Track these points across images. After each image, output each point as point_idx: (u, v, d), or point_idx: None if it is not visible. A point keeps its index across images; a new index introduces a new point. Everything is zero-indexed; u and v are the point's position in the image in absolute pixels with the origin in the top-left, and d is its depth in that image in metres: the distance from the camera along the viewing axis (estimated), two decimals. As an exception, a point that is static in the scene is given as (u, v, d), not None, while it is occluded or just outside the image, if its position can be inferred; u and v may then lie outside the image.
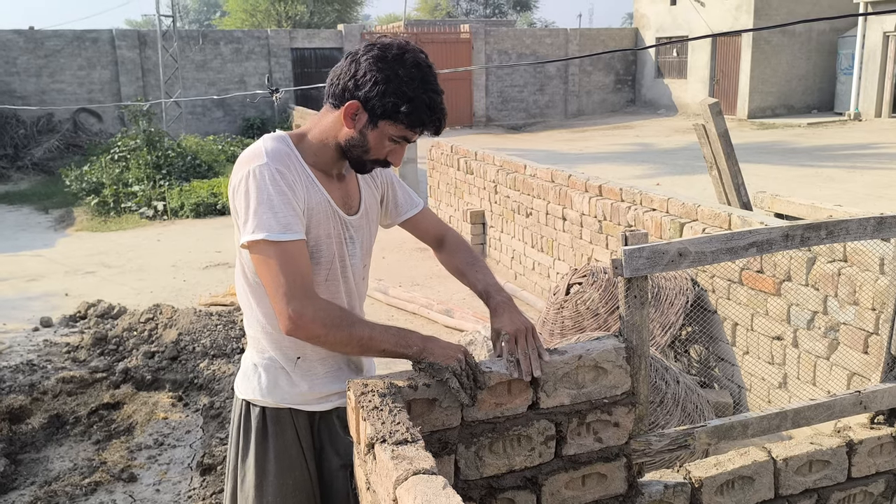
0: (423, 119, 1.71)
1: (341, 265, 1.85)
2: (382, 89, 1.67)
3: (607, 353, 1.95)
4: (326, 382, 1.88)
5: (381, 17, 45.83)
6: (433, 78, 1.73)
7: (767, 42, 19.57)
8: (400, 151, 1.80)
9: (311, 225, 1.74)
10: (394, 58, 1.69)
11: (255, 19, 29.53)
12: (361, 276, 1.96)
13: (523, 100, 22.70)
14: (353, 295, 1.92)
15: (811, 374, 3.61)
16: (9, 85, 17.84)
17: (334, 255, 1.82)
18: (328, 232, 1.79)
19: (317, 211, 1.75)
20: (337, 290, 1.85)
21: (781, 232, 2.11)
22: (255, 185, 1.64)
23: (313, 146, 1.80)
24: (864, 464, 2.36)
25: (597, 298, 4.32)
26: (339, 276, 1.85)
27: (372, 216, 1.98)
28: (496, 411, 1.87)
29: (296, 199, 1.68)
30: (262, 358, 1.87)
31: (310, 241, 1.74)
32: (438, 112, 1.73)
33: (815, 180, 10.77)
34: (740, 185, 5.03)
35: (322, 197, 1.77)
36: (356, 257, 1.90)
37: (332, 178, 1.84)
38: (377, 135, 1.73)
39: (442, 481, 1.38)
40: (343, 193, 1.87)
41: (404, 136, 1.74)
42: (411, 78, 1.68)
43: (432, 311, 5.89)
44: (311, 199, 1.74)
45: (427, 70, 1.72)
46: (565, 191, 5.75)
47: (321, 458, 1.93)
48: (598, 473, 2.01)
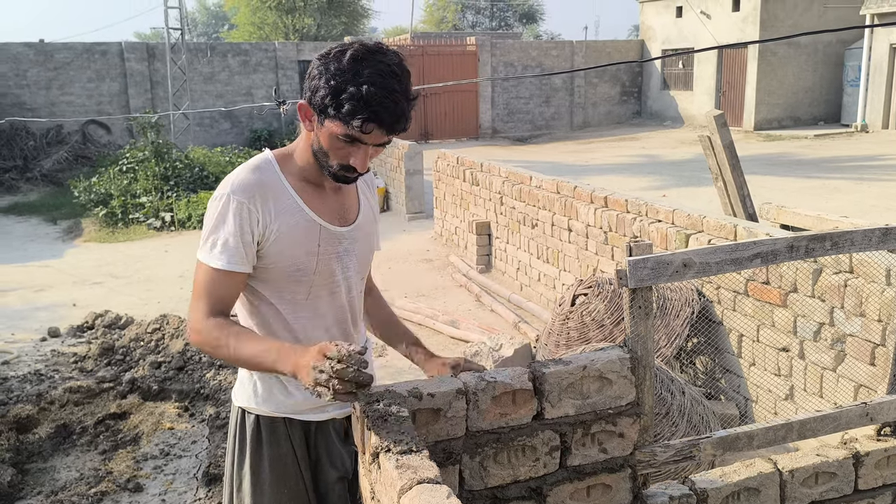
0: (355, 111, 1.61)
1: (329, 282, 1.83)
2: (316, 84, 1.65)
3: (612, 363, 1.95)
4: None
5: (387, 29, 46.11)
6: (377, 72, 1.62)
7: (774, 54, 19.58)
8: (357, 154, 1.70)
9: (286, 246, 1.75)
10: (334, 55, 1.66)
11: (262, 32, 29.73)
12: (359, 289, 1.94)
13: (529, 112, 22.75)
14: (345, 310, 1.90)
15: (818, 386, 3.60)
16: (19, 97, 17.99)
17: (317, 273, 1.80)
18: (310, 250, 1.78)
19: (293, 233, 1.75)
20: (321, 308, 1.84)
21: (786, 243, 2.12)
22: (217, 212, 1.72)
23: (301, 160, 1.80)
24: (870, 476, 2.34)
25: (602, 309, 4.32)
26: (326, 293, 1.84)
27: (371, 227, 1.96)
28: (501, 421, 1.87)
29: (255, 230, 1.71)
30: None
31: (286, 263, 1.76)
32: (376, 105, 1.61)
33: (822, 192, 10.75)
34: (746, 196, 5.03)
35: (301, 217, 1.76)
36: (350, 270, 1.88)
37: (326, 190, 1.83)
38: (326, 135, 1.69)
39: (446, 491, 1.38)
40: (338, 205, 1.85)
41: (349, 135, 1.66)
42: (343, 71, 1.62)
43: (437, 322, 5.89)
44: (285, 223, 1.74)
45: (367, 64, 1.63)
46: (571, 202, 5.76)
47: (317, 470, 1.92)
48: (603, 484, 2.00)
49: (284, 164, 1.80)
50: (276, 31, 29.21)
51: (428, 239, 9.17)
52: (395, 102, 1.63)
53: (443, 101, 20.99)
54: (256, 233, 1.72)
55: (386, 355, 5.46)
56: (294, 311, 1.82)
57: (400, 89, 1.64)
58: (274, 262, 1.77)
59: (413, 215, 10.37)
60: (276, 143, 18.03)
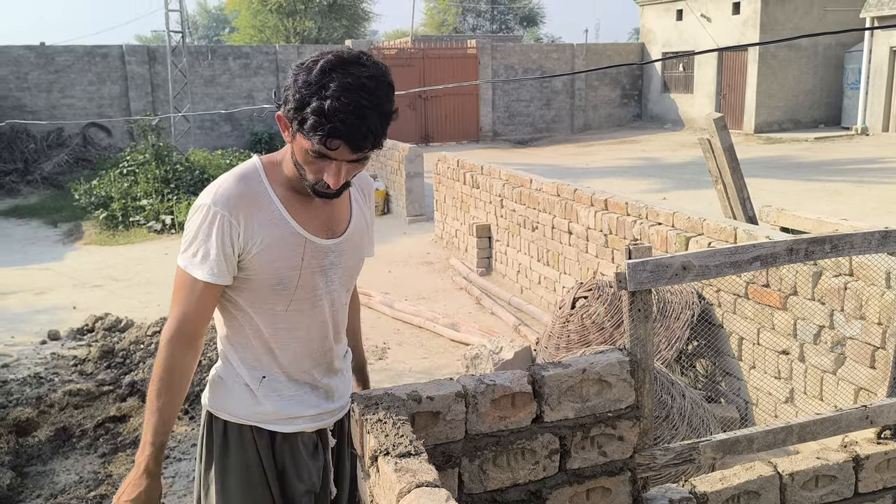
0: (316, 127, 1.54)
1: (311, 295, 1.78)
2: (287, 96, 1.60)
3: (611, 366, 1.95)
4: (292, 405, 1.82)
5: (388, 32, 46.13)
6: (343, 86, 1.53)
7: (774, 57, 19.59)
8: (329, 170, 1.63)
9: (269, 260, 1.70)
10: (307, 65, 1.58)
11: (263, 35, 29.76)
12: (343, 302, 1.88)
13: (530, 114, 22.76)
14: (326, 324, 1.85)
15: (818, 389, 3.59)
16: (20, 100, 18.01)
17: (299, 287, 1.75)
18: (293, 264, 1.73)
19: (278, 246, 1.70)
20: (301, 321, 1.80)
21: (786, 246, 2.12)
22: (199, 222, 1.68)
23: (287, 170, 1.73)
24: (871, 479, 2.34)
25: (602, 312, 4.31)
26: (307, 306, 1.79)
27: (361, 239, 1.89)
28: (500, 424, 1.87)
29: (236, 244, 1.67)
30: (228, 373, 1.84)
31: (267, 276, 1.72)
32: (338, 121, 1.53)
33: (822, 195, 10.75)
34: (746, 199, 5.03)
35: (286, 230, 1.71)
36: (335, 283, 1.83)
37: (314, 200, 1.74)
38: (299, 149, 1.63)
39: (445, 494, 1.38)
40: (327, 216, 1.79)
41: (317, 152, 1.58)
42: (310, 83, 1.55)
43: (438, 325, 5.89)
44: (269, 236, 1.69)
45: (335, 76, 1.54)
46: (571, 205, 5.76)
47: (283, 482, 1.86)
48: (603, 487, 2.00)
49: (272, 172, 1.74)
50: (276, 35, 29.25)
51: (428, 242, 9.17)
52: (361, 118, 1.54)
53: (443, 103, 21.01)
54: (238, 246, 1.68)
55: (386, 358, 5.46)
56: (272, 323, 1.78)
57: (369, 104, 1.55)
58: (255, 274, 1.72)
59: (413, 218, 10.38)
60: (277, 145, 18.04)
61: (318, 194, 1.69)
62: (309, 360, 1.83)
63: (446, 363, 5.27)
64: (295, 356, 1.82)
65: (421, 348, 5.62)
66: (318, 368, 1.85)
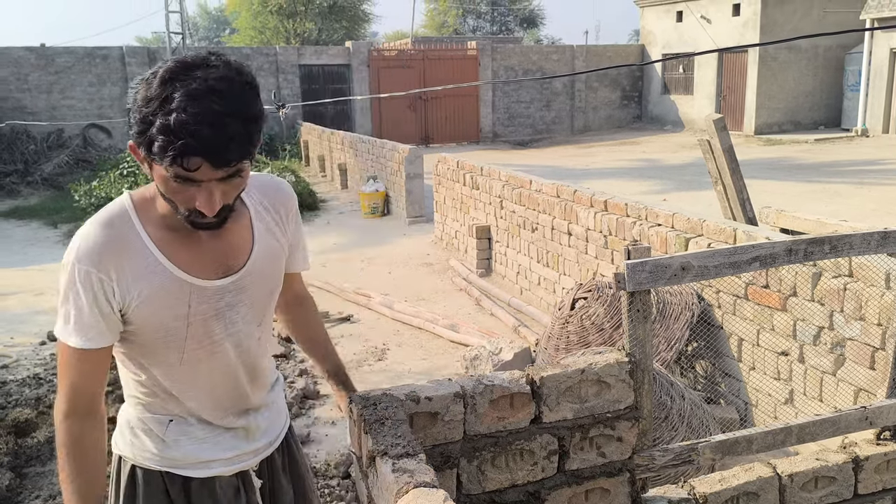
0: (165, 148, 1.31)
1: (207, 342, 1.58)
2: (131, 120, 1.39)
3: (610, 367, 1.95)
4: (205, 448, 1.66)
5: (388, 34, 46.16)
6: (189, 93, 1.32)
7: (774, 58, 19.60)
8: (200, 195, 1.39)
9: (150, 313, 1.50)
10: (147, 79, 1.37)
11: (263, 36, 29.79)
12: (255, 337, 1.68)
13: (530, 116, 22.77)
14: (233, 369, 1.65)
15: (817, 390, 3.59)
16: (20, 101, 18.02)
17: (189, 338, 1.55)
18: (178, 313, 1.52)
19: (158, 296, 1.49)
20: (200, 371, 1.61)
21: (785, 246, 2.12)
22: (65, 284, 1.48)
23: (161, 206, 1.50)
24: (870, 480, 2.34)
25: (602, 313, 4.31)
26: (204, 355, 1.59)
27: (272, 265, 1.66)
28: (498, 425, 1.87)
29: (112, 301, 1.47)
30: (134, 417, 1.69)
31: (151, 329, 1.52)
32: (187, 135, 1.30)
33: (822, 196, 10.75)
34: (745, 200, 5.03)
35: (165, 278, 1.50)
36: (238, 324, 1.61)
37: (203, 236, 1.53)
38: (159, 179, 1.40)
39: (443, 495, 1.38)
40: (219, 252, 1.56)
41: (178, 176, 1.36)
42: (150, 99, 1.33)
43: (437, 326, 5.89)
44: (146, 287, 1.48)
45: (178, 85, 1.32)
46: (571, 206, 5.76)
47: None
48: (602, 488, 2.00)
49: (144, 210, 1.51)
50: (277, 36, 29.27)
51: (428, 243, 9.17)
52: (216, 127, 1.31)
53: (443, 105, 21.02)
54: (115, 302, 1.48)
55: (385, 359, 5.45)
56: (168, 375, 1.60)
57: (224, 108, 1.32)
58: (139, 328, 1.53)
59: (413, 219, 10.37)
60: (277, 146, 18.04)
61: (196, 226, 1.47)
62: (218, 409, 1.67)
63: (446, 364, 5.27)
64: (201, 404, 1.65)
65: (420, 349, 5.62)
66: (230, 412, 1.68)
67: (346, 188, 13.53)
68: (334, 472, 3.73)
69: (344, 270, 7.97)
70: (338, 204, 12.52)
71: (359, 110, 20.50)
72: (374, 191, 11.15)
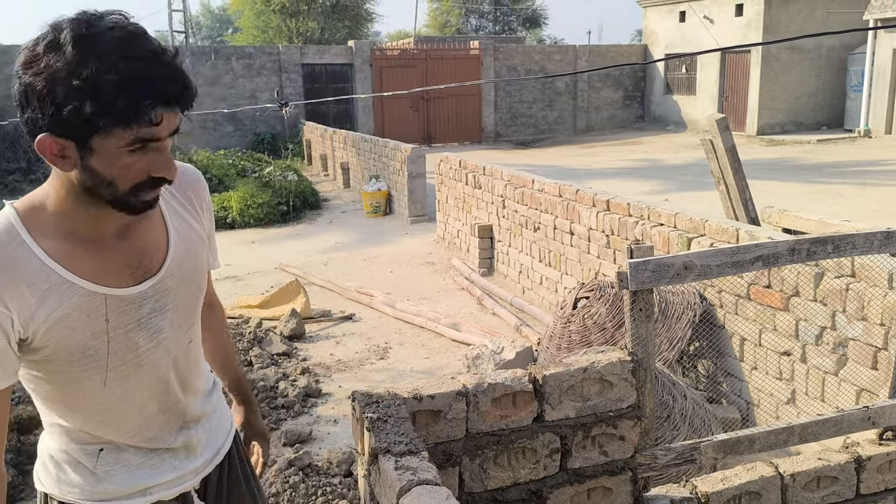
0: (137, 101, 1.17)
1: (132, 357, 1.40)
2: (54, 101, 1.16)
3: (612, 365, 1.95)
4: (142, 475, 1.49)
5: (391, 33, 46.17)
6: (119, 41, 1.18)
7: (777, 59, 19.58)
8: (159, 158, 1.27)
9: (62, 336, 1.31)
10: (45, 49, 1.17)
11: (266, 35, 29.79)
12: (186, 341, 1.51)
13: (532, 115, 22.77)
14: (165, 380, 1.48)
15: (819, 390, 3.59)
16: (23, 99, 18.06)
17: (112, 354, 1.37)
18: (96, 330, 1.34)
19: (69, 318, 1.31)
20: (128, 391, 1.43)
21: (787, 246, 2.12)
22: None
23: (62, 213, 1.30)
24: (872, 480, 2.34)
25: (604, 313, 4.31)
26: (131, 371, 1.41)
27: (190, 263, 1.48)
28: (501, 423, 1.87)
29: (10, 333, 1.26)
30: (57, 450, 1.48)
31: (65, 354, 1.33)
32: (154, 79, 1.18)
33: (825, 197, 10.74)
34: (748, 200, 5.02)
35: (74, 294, 1.31)
36: (165, 331, 1.44)
37: (106, 239, 1.35)
38: (104, 159, 1.22)
39: (445, 492, 1.38)
40: (132, 253, 1.38)
41: (139, 139, 1.21)
42: (80, 62, 1.15)
43: (439, 325, 5.89)
44: (54, 309, 1.29)
45: (100, 39, 1.17)
46: (573, 205, 5.76)
47: None
48: (604, 487, 2.00)
49: (35, 223, 1.29)
50: (279, 35, 29.28)
51: (430, 242, 9.17)
52: (167, 65, 1.21)
53: (446, 104, 21.02)
54: (13, 334, 1.27)
55: (387, 358, 5.46)
56: (94, 398, 1.40)
57: (159, 47, 1.22)
58: (52, 353, 1.33)
59: (415, 218, 10.38)
60: (279, 145, 18.04)
61: (140, 209, 1.31)
62: (151, 427, 1.49)
63: (448, 363, 5.27)
64: (132, 428, 1.47)
65: (422, 348, 5.62)
66: (166, 429, 1.51)
67: (349, 187, 13.54)
68: (336, 470, 3.74)
69: (346, 269, 7.98)
70: (340, 203, 12.53)
71: (361, 109, 20.50)
72: (376, 190, 11.16)
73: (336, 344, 5.77)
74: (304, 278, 7.37)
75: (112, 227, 1.35)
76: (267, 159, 15.19)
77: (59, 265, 1.29)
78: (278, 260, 8.48)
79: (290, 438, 4.12)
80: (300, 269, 7.93)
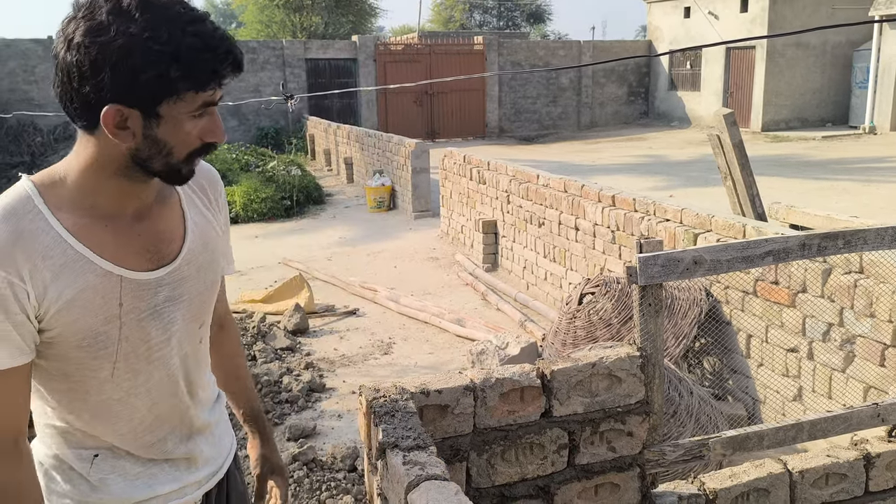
0: (211, 66, 1.19)
1: (143, 347, 1.34)
2: (132, 66, 1.14)
3: (621, 361, 1.94)
4: (141, 486, 1.40)
5: (395, 28, 46.10)
6: (177, 8, 1.18)
7: (782, 55, 19.51)
8: (213, 122, 1.26)
9: (74, 316, 1.25)
10: (111, 16, 1.14)
11: (270, 30, 29.75)
12: (197, 340, 1.45)
13: (536, 111, 22.73)
14: (175, 378, 1.41)
15: (826, 387, 3.57)
16: (27, 93, 18.06)
17: (123, 342, 1.31)
18: (108, 315, 1.27)
19: (83, 297, 1.24)
20: (136, 386, 1.36)
21: (798, 241, 2.10)
22: None
23: (85, 187, 1.26)
24: (881, 477, 2.32)
25: (609, 308, 4.30)
26: (142, 364, 1.35)
27: (206, 255, 1.42)
28: (509, 419, 1.86)
29: (27, 307, 1.20)
30: (49, 456, 1.39)
31: (75, 338, 1.27)
32: (219, 45, 1.19)
33: (830, 193, 10.70)
34: (755, 195, 5.00)
35: (91, 273, 1.25)
36: (178, 323, 1.37)
37: (126, 218, 1.30)
38: (170, 127, 1.21)
39: (454, 487, 1.37)
40: (150, 236, 1.33)
41: (205, 102, 1.22)
42: (155, 26, 1.14)
43: (443, 321, 5.88)
44: (68, 286, 1.23)
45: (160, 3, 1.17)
46: (578, 201, 5.74)
47: None
48: (612, 483, 1.99)
49: (53, 195, 1.25)
50: (283, 30, 29.23)
51: (434, 237, 9.15)
52: (221, 31, 1.22)
53: (450, 100, 20.98)
54: (31, 308, 1.21)
55: (391, 353, 5.45)
56: (96, 393, 1.33)
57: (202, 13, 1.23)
58: (59, 336, 1.26)
59: (419, 213, 10.36)
60: (283, 140, 18.02)
61: (184, 178, 1.30)
62: (156, 431, 1.41)
63: (452, 358, 5.26)
64: (136, 430, 1.39)
65: (426, 343, 5.61)
66: (171, 436, 1.44)
67: (352, 182, 13.52)
68: (340, 465, 3.73)
69: (350, 264, 7.97)
70: (343, 198, 12.51)
71: (365, 105, 20.47)
72: (379, 185, 11.14)
73: (340, 339, 5.76)
74: (307, 273, 7.36)
75: (133, 205, 1.31)
76: (270, 154, 15.17)
77: (78, 241, 1.24)
78: (282, 255, 8.48)
79: (293, 433, 4.11)
80: (304, 263, 7.92)
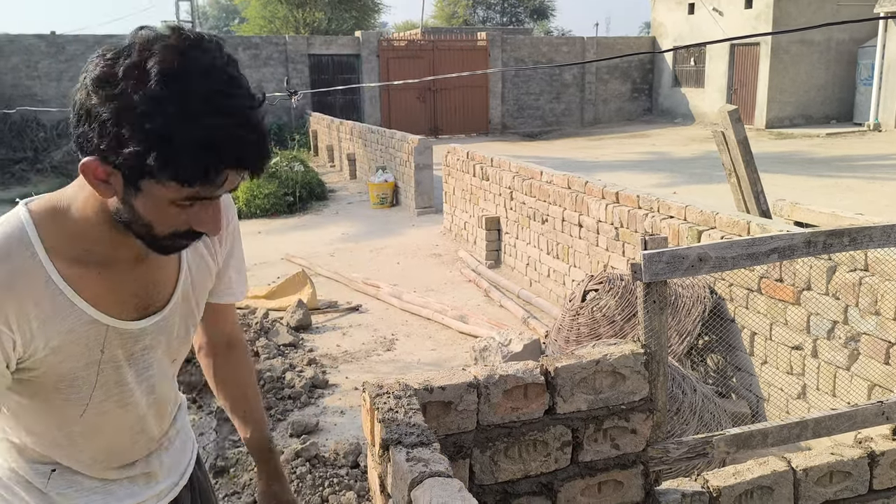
0: (207, 166, 1.04)
1: (116, 391, 1.31)
2: (118, 133, 1.03)
3: (625, 358, 1.93)
4: (98, 499, 1.38)
5: (398, 24, 46.04)
6: (215, 88, 1.03)
7: (786, 52, 19.45)
8: (206, 215, 1.14)
9: (57, 361, 1.21)
10: (126, 73, 1.02)
11: (273, 26, 29.72)
12: (170, 375, 1.42)
13: (539, 107, 22.70)
14: (144, 419, 1.37)
15: (831, 385, 3.56)
16: (30, 89, 18.08)
17: (98, 388, 1.28)
18: (90, 360, 1.24)
19: (68, 344, 1.20)
20: (103, 424, 1.32)
21: (804, 238, 2.09)
22: None
23: (83, 226, 1.19)
24: (886, 476, 2.31)
25: (613, 305, 4.29)
26: (112, 406, 1.32)
27: (193, 300, 1.38)
28: (512, 415, 1.85)
29: (9, 354, 1.16)
30: (5, 468, 1.35)
31: (53, 379, 1.23)
32: (232, 145, 1.04)
33: (835, 190, 10.67)
34: (760, 192, 4.98)
35: (78, 320, 1.20)
36: (153, 368, 1.35)
37: (121, 264, 1.24)
38: (151, 204, 1.10)
39: (458, 484, 1.36)
40: (142, 284, 1.27)
41: (193, 196, 1.08)
42: (159, 103, 1.00)
43: (446, 317, 5.87)
44: (55, 333, 1.18)
45: (193, 78, 1.02)
46: (582, 197, 5.72)
47: None
48: (615, 481, 1.98)
49: (50, 234, 1.17)
50: (286, 25, 29.20)
51: (437, 234, 9.15)
52: (255, 128, 1.06)
53: (453, 96, 20.96)
54: (13, 356, 1.17)
55: (394, 349, 5.44)
56: (62, 426, 1.30)
57: (252, 104, 1.07)
58: (39, 376, 1.23)
59: (422, 210, 10.35)
60: (286, 136, 18.00)
61: (167, 251, 1.21)
62: (112, 460, 1.39)
63: (455, 355, 5.26)
64: (95, 458, 1.36)
65: (429, 340, 5.61)
66: (128, 461, 1.42)
67: (355, 178, 13.51)
68: (343, 462, 3.73)
69: (352, 260, 7.96)
70: (346, 194, 12.51)
71: (368, 101, 20.46)
72: (382, 181, 11.14)
73: (342, 335, 5.76)
74: (310, 269, 7.36)
75: (129, 253, 1.23)
76: (273, 150, 15.17)
77: (69, 286, 1.18)
78: (285, 251, 8.48)
79: (296, 429, 4.11)
80: (306, 259, 7.92)
